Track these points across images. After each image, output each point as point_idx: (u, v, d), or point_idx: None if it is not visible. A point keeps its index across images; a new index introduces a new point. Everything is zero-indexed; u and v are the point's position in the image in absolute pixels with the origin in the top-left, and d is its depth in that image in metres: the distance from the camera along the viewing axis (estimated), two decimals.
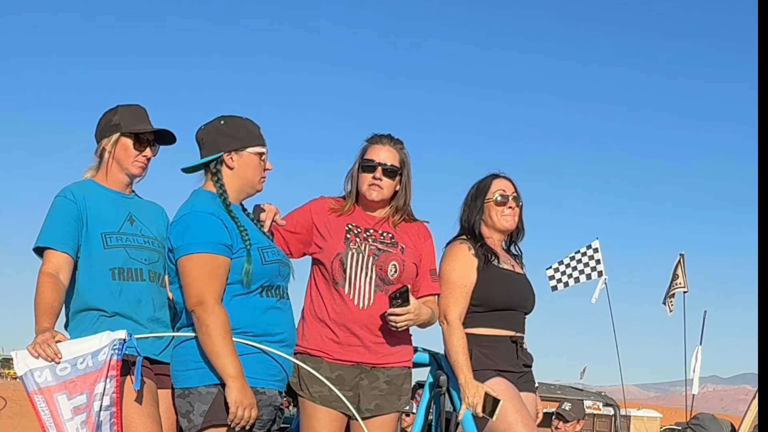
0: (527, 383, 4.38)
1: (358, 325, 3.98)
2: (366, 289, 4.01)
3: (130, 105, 3.85)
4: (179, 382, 3.59)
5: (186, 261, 3.54)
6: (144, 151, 3.80)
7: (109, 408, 3.34)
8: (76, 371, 3.35)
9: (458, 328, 4.21)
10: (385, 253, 4.07)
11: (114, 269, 3.65)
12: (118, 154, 3.77)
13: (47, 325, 3.42)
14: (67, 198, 3.69)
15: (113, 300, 3.63)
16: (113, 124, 3.77)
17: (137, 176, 3.84)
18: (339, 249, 4.02)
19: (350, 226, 4.09)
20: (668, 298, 11.79)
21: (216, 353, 3.43)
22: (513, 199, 4.40)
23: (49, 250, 3.60)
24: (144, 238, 3.77)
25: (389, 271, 4.05)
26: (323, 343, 3.99)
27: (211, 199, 3.66)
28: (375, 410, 4.01)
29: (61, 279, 3.56)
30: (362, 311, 3.99)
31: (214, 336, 3.43)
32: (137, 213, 3.81)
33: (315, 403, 3.93)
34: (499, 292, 4.28)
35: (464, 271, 4.26)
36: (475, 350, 4.21)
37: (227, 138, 3.70)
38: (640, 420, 31.58)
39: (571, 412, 7.64)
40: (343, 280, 4.00)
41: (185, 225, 3.59)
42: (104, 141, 3.78)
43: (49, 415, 3.31)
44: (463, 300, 4.25)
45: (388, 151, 4.12)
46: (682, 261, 11.85)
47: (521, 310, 4.38)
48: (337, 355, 3.98)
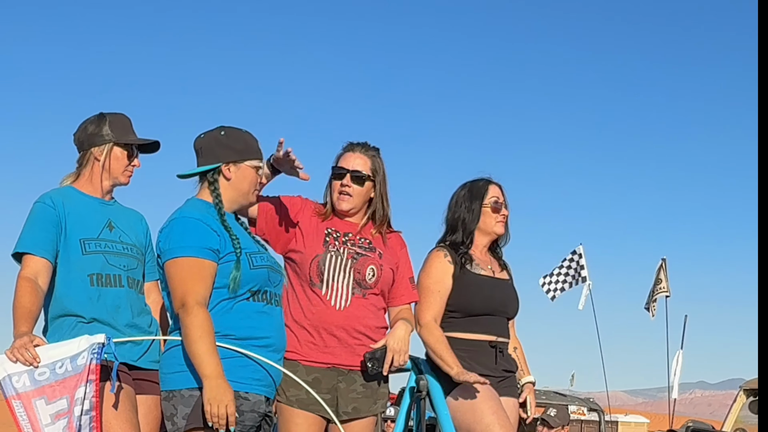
0: (508, 388, 4.38)
1: (335, 325, 3.98)
2: (343, 291, 4.01)
3: (116, 114, 3.85)
4: (165, 385, 3.59)
5: (171, 265, 3.55)
6: (133, 161, 3.84)
7: (89, 412, 3.35)
8: (55, 376, 3.35)
9: (434, 328, 4.24)
10: (364, 257, 4.08)
11: (92, 275, 3.66)
12: (111, 164, 3.78)
13: (25, 330, 3.42)
14: (46, 204, 3.69)
15: (91, 306, 3.63)
16: (104, 134, 3.77)
17: (124, 185, 3.86)
18: (318, 251, 4.03)
19: (329, 230, 4.10)
20: (651, 303, 11.83)
21: (193, 353, 3.43)
22: (504, 206, 4.45)
23: (28, 255, 3.61)
24: (123, 245, 3.78)
25: (367, 274, 4.06)
26: (299, 345, 3.97)
27: (203, 206, 3.68)
28: (352, 413, 4.01)
29: (40, 284, 3.56)
30: (339, 312, 4.00)
31: (192, 337, 3.43)
32: (116, 220, 3.82)
33: (292, 407, 3.91)
34: (475, 298, 4.29)
35: (438, 277, 4.29)
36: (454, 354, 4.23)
37: (227, 149, 3.70)
38: (628, 426, 31.66)
39: (555, 418, 7.67)
40: (321, 282, 4.00)
41: (171, 230, 3.61)
42: (95, 150, 3.77)
43: (27, 421, 3.31)
44: (437, 305, 4.27)
45: (359, 158, 4.12)
46: (664, 265, 11.91)
47: (501, 315, 4.39)
48: (314, 357, 3.97)
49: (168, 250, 3.58)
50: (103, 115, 3.83)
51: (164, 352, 3.65)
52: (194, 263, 3.52)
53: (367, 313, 4.08)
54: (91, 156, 3.79)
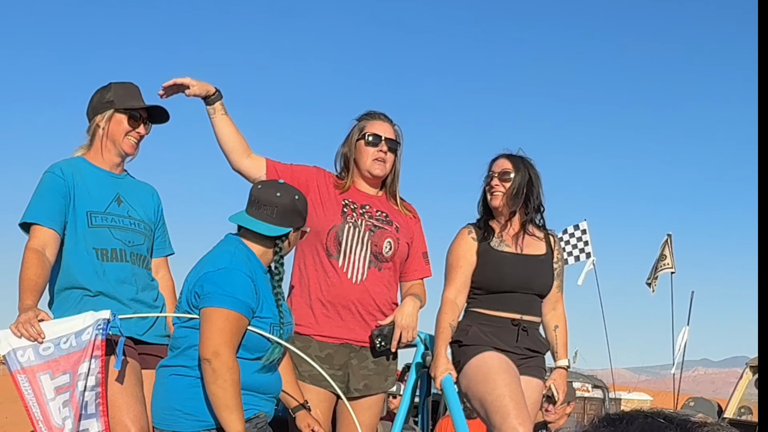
0: (531, 368, 4.25)
1: (352, 300, 3.97)
2: (360, 264, 4.00)
3: (122, 82, 3.82)
4: (166, 425, 3.49)
5: (215, 311, 3.38)
6: (137, 128, 3.77)
7: (95, 388, 3.33)
8: (60, 351, 3.34)
9: (446, 311, 4.18)
10: (381, 230, 4.07)
11: (97, 249, 3.63)
12: (111, 130, 3.73)
13: (30, 303, 3.39)
14: (55, 174, 3.65)
15: (97, 279, 3.61)
16: (106, 101, 3.74)
17: (129, 155, 3.81)
18: (336, 221, 4.00)
19: (347, 201, 4.07)
20: (653, 279, 11.76)
21: (228, 407, 3.32)
22: (498, 177, 4.29)
23: (36, 226, 3.56)
24: (130, 220, 3.75)
25: (384, 248, 4.05)
26: (314, 320, 3.95)
27: (252, 258, 3.56)
28: (363, 390, 4.01)
29: (47, 255, 3.52)
30: (355, 285, 3.99)
31: (230, 390, 3.32)
32: (126, 194, 3.78)
33: (305, 382, 3.89)
34: (494, 275, 4.22)
35: (460, 253, 4.24)
36: (475, 326, 4.19)
37: (298, 217, 3.61)
38: (631, 403, 31.68)
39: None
40: (338, 253, 3.97)
41: (223, 277, 3.43)
42: (98, 117, 3.74)
43: (33, 395, 3.30)
44: (458, 281, 4.22)
45: (389, 127, 4.14)
46: (669, 241, 11.83)
47: (526, 292, 4.27)
48: (328, 332, 3.95)
49: (215, 295, 3.40)
50: (110, 84, 3.80)
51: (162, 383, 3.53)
52: (237, 319, 3.40)
53: (382, 287, 4.08)
54: (95, 124, 3.76)
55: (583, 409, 16.71)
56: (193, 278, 3.51)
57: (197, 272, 3.51)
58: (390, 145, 4.09)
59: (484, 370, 4.09)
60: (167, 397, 3.49)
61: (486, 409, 4.04)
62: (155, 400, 3.55)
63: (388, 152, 4.08)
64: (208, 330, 3.37)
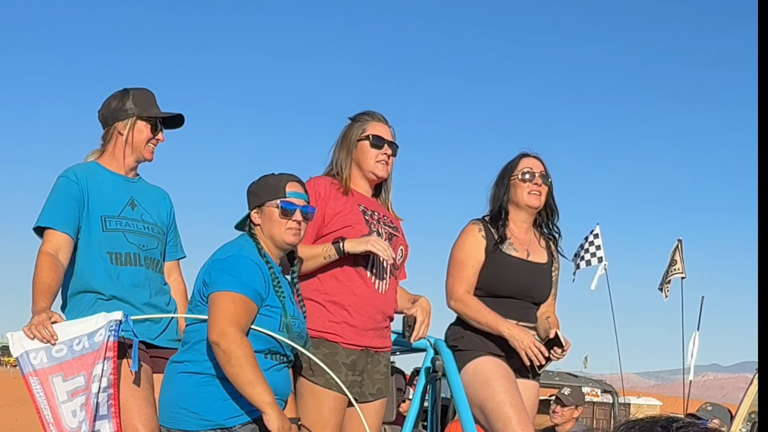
0: (526, 370, 4.26)
1: (376, 309, 3.97)
2: (385, 274, 4.01)
3: (139, 88, 3.83)
4: (169, 422, 3.50)
5: (221, 295, 3.40)
6: (157, 135, 3.80)
7: (107, 390, 3.34)
8: (72, 353, 3.35)
9: (468, 298, 4.18)
10: (396, 237, 4.09)
11: (111, 253, 3.65)
12: (134, 137, 3.75)
13: (44, 305, 3.41)
14: (69, 178, 3.67)
15: (111, 283, 3.63)
16: (127, 108, 3.75)
17: (148, 160, 3.83)
18: (364, 230, 3.96)
19: (363, 207, 4.04)
20: (665, 284, 11.73)
21: (251, 383, 3.30)
22: (540, 177, 4.27)
23: (50, 230, 3.58)
24: (144, 224, 3.76)
25: (398, 255, 4.06)
26: (339, 327, 3.91)
27: (261, 253, 3.58)
28: (377, 394, 4.03)
29: (61, 259, 3.54)
30: (381, 295, 3.99)
31: (246, 366, 3.31)
32: (139, 198, 3.80)
33: (331, 389, 3.82)
34: (498, 280, 4.22)
35: (470, 250, 4.23)
36: (469, 332, 4.20)
37: (253, 196, 3.68)
38: (640, 408, 31.61)
39: (569, 397, 7.63)
40: (366, 263, 3.96)
41: (231, 263, 3.47)
42: (119, 124, 3.75)
43: (44, 397, 3.31)
44: (470, 278, 4.21)
45: (389, 129, 4.14)
46: (680, 246, 11.79)
47: (525, 299, 4.29)
48: (352, 340, 3.93)
49: (221, 281, 3.43)
50: (127, 90, 3.81)
51: (170, 384, 3.54)
52: (245, 302, 3.41)
53: (395, 294, 4.11)
54: (114, 131, 3.76)
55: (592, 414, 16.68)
56: (203, 269, 3.56)
57: (207, 263, 3.56)
58: (392, 148, 4.10)
59: (482, 377, 4.12)
60: (174, 396, 3.50)
61: (486, 416, 4.05)
62: (162, 398, 3.56)
63: (390, 156, 4.09)
64: (214, 313, 3.38)
